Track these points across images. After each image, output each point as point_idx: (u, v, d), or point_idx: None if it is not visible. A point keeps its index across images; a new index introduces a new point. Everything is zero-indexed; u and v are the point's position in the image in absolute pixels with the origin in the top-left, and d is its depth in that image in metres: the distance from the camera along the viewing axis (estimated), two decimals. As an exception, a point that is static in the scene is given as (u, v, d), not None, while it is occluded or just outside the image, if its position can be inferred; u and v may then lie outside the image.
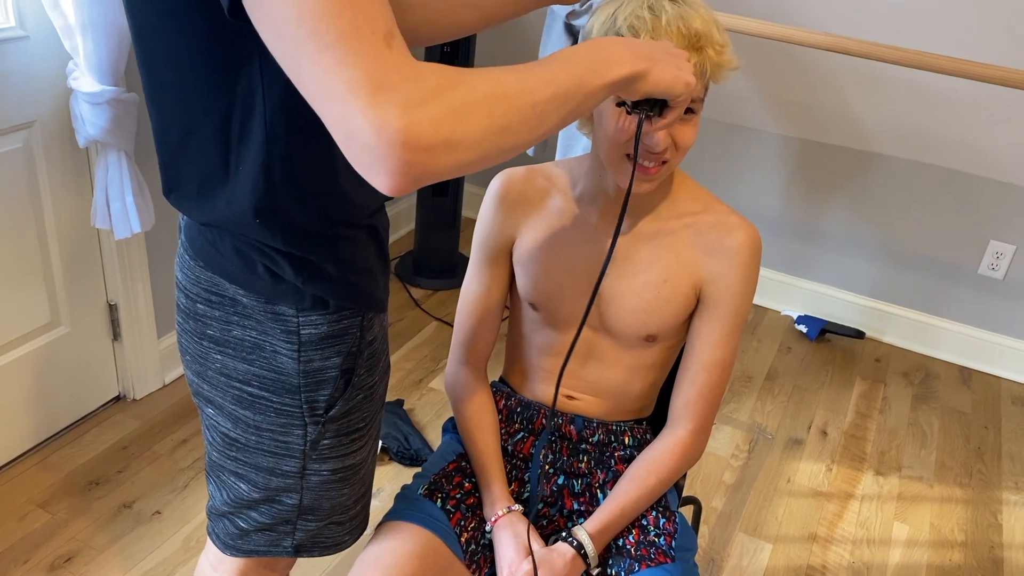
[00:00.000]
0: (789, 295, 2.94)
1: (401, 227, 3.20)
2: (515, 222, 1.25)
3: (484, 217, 1.27)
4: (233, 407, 0.92)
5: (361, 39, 0.58)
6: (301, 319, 0.86)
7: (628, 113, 0.96)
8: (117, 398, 2.18)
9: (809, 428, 2.40)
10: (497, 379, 1.37)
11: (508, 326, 1.34)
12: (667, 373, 1.30)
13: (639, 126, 0.95)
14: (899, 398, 2.58)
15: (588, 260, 1.21)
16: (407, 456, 2.06)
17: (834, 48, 1.76)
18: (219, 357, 0.90)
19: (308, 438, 0.92)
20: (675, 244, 1.19)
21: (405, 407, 2.25)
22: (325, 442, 0.93)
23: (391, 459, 2.08)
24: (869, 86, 2.38)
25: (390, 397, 2.29)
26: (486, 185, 3.22)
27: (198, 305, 0.89)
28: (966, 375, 2.74)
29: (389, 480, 2.02)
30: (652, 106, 0.93)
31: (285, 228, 0.82)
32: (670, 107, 0.93)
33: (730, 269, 1.17)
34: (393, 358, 2.47)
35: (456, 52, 2.55)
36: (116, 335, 2.11)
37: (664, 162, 1.08)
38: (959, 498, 2.20)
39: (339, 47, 0.57)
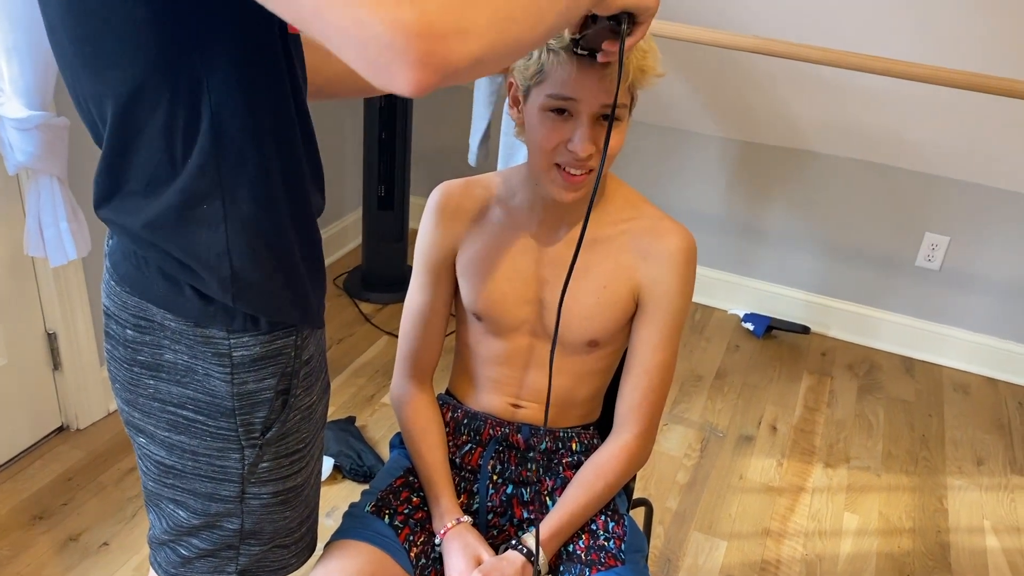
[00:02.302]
0: (735, 294, 2.99)
1: (348, 242, 3.18)
2: (456, 234, 1.25)
3: (425, 230, 1.28)
4: (167, 433, 0.90)
5: None
6: (232, 341, 0.85)
7: (609, 27, 0.95)
8: (60, 429, 2.13)
9: (759, 424, 2.44)
10: (443, 391, 1.37)
11: (454, 338, 1.35)
12: (611, 378, 1.31)
13: (622, 40, 0.93)
14: (845, 390, 2.63)
15: (529, 268, 1.22)
16: (361, 473, 2.04)
17: (760, 50, 1.80)
18: (151, 383, 0.89)
19: (246, 461, 0.90)
20: (612, 250, 1.20)
21: (357, 424, 2.23)
22: (264, 465, 0.91)
23: (345, 477, 2.06)
24: (803, 87, 2.43)
25: (342, 414, 2.28)
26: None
27: (127, 331, 0.88)
28: (909, 365, 2.80)
29: (344, 499, 2.00)
30: (619, 20, 0.91)
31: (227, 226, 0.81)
32: (638, 23, 0.92)
33: (666, 273, 1.18)
34: (344, 374, 2.46)
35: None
36: (56, 364, 2.06)
37: (590, 170, 1.09)
38: (906, 486, 2.25)
39: None
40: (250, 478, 0.91)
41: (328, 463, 2.05)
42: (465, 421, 1.29)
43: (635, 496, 1.47)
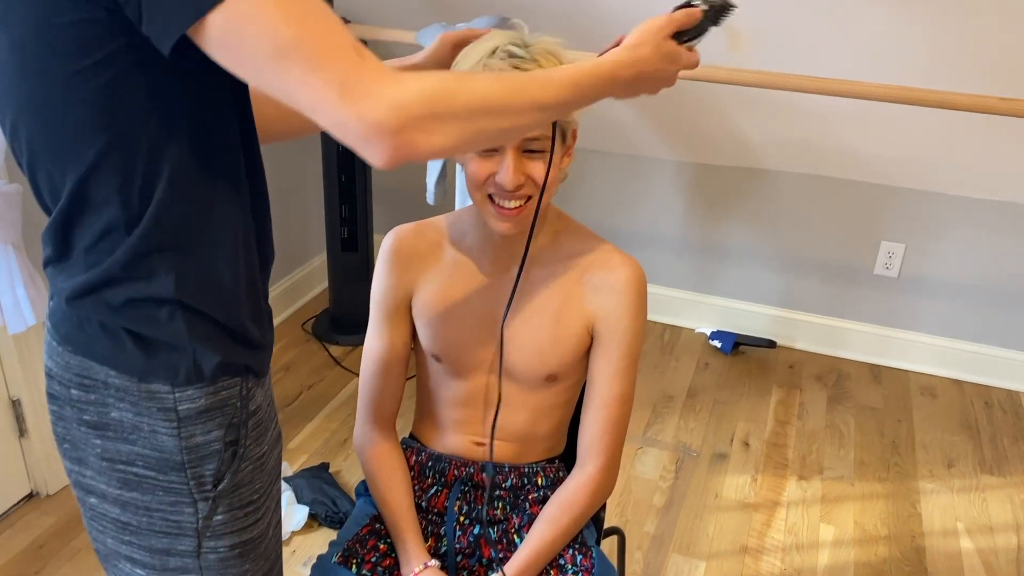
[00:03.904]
0: (700, 313, 3.02)
1: (314, 286, 3.18)
2: (410, 277, 1.27)
3: (379, 275, 1.29)
4: (119, 491, 0.90)
5: (338, 55, 0.70)
6: (177, 394, 0.86)
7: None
8: (29, 496, 2.11)
9: (732, 441, 2.46)
10: (407, 435, 1.38)
11: (416, 380, 1.36)
12: (572, 411, 1.33)
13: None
14: (815, 402, 2.67)
15: (485, 307, 1.24)
16: (337, 520, 2.03)
17: (701, 78, 1.84)
18: (99, 442, 0.89)
19: (200, 515, 0.91)
20: (564, 284, 1.22)
21: (331, 469, 2.22)
22: (218, 518, 0.92)
23: (321, 524, 2.05)
24: (751, 108, 2.48)
25: (315, 460, 2.27)
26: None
27: (72, 391, 0.89)
28: (876, 372, 2.84)
29: (322, 546, 1.99)
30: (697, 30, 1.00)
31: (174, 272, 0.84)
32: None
33: (618, 305, 1.21)
34: (316, 419, 2.45)
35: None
36: (22, 431, 2.04)
37: (528, 198, 1.11)
38: (879, 493, 2.27)
39: (323, 68, 0.69)
40: (205, 531, 0.91)
41: (303, 511, 2.04)
42: (430, 464, 1.30)
43: (610, 524, 1.48)
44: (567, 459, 1.34)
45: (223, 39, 0.70)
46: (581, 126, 1.16)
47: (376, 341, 1.30)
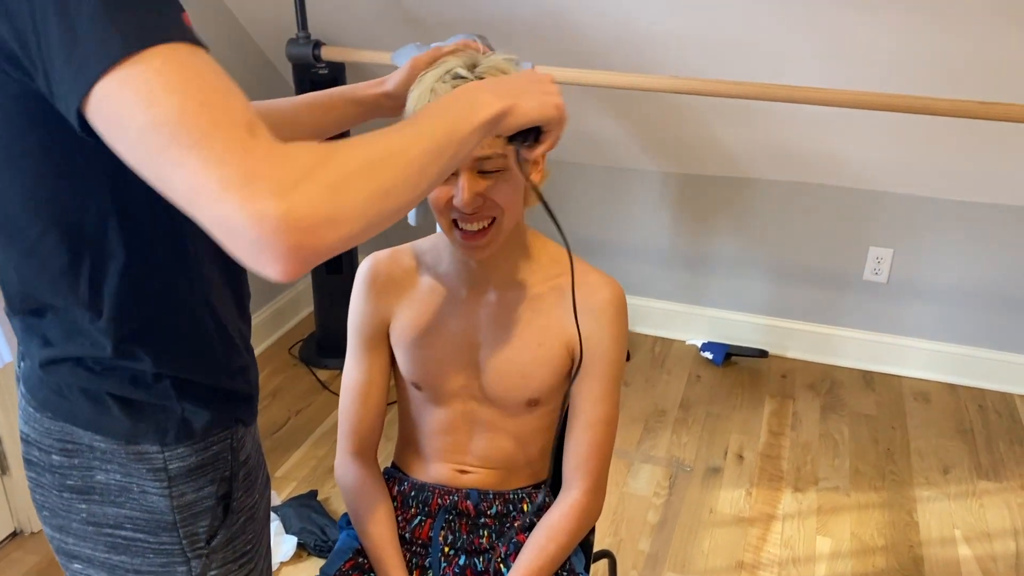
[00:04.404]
0: (691, 324, 3.00)
1: (300, 310, 3.16)
2: (387, 305, 1.25)
3: (356, 303, 1.27)
4: (106, 555, 0.87)
5: (223, 134, 0.59)
6: (167, 454, 0.83)
7: (509, 144, 0.97)
8: (13, 534, 2.07)
9: (725, 454, 2.43)
10: (389, 465, 1.35)
11: (397, 408, 1.33)
12: (555, 435, 1.30)
13: (517, 156, 0.96)
14: (808, 411, 2.64)
15: (464, 333, 1.21)
16: (326, 549, 2.00)
17: (677, 89, 1.83)
18: (84, 506, 0.85)
19: (194, 572, 0.88)
20: (543, 307, 1.20)
21: (319, 497, 2.19)
22: (212, 573, 0.89)
23: (310, 554, 2.02)
24: (731, 118, 2.47)
25: (303, 488, 2.23)
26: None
27: (53, 457, 0.85)
28: (868, 378, 2.82)
29: (310, 576, 1.96)
30: (526, 136, 0.93)
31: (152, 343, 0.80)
32: (545, 132, 0.93)
33: (598, 327, 1.18)
34: (304, 447, 2.42)
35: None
36: (3, 469, 2.01)
37: (492, 220, 1.09)
38: (875, 503, 2.25)
39: (203, 147, 0.58)
40: None
41: (291, 541, 2.00)
42: (412, 493, 1.27)
43: (603, 543, 1.45)
44: (553, 485, 1.31)
45: (101, 110, 0.60)
46: (561, 140, 1.14)
47: (354, 370, 1.28)
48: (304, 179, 0.60)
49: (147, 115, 0.58)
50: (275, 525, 2.03)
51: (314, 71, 2.35)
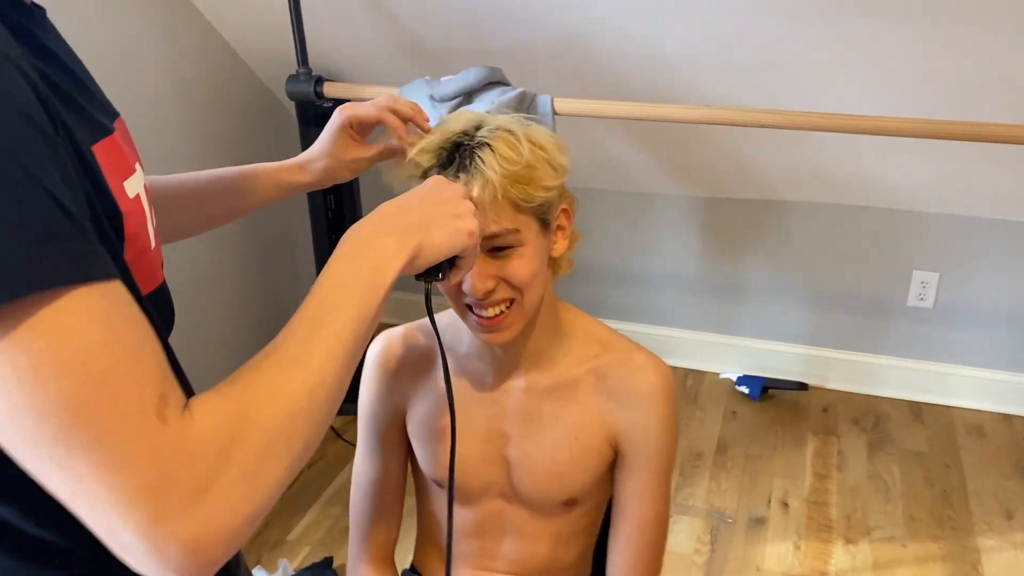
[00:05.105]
0: (724, 356, 2.83)
1: (313, 349, 3.01)
2: (402, 392, 1.10)
3: (366, 390, 1.12)
4: None
5: (126, 427, 0.47)
6: None
7: (417, 280, 0.82)
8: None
9: (769, 502, 2.26)
10: (408, 567, 1.20)
11: (415, 504, 1.18)
12: (597, 533, 1.15)
13: (427, 298, 0.83)
14: (854, 449, 2.47)
15: (491, 425, 1.07)
16: (343, 625, 1.85)
17: (717, 121, 1.67)
18: None
19: None
20: (579, 394, 1.05)
21: (336, 564, 2.04)
22: None
23: (326, 630, 1.87)
24: (762, 141, 2.31)
25: (317, 554, 2.09)
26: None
27: None
28: (916, 410, 2.65)
29: (327, 656, 1.80)
30: (437, 270, 0.79)
31: None
32: (460, 258, 0.80)
33: (645, 416, 1.03)
34: (317, 506, 2.27)
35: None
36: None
37: (511, 302, 0.94)
38: (935, 554, 2.08)
39: (97, 448, 0.46)
40: None
41: (306, 619, 1.86)
42: (436, 605, 1.12)
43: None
44: (595, 587, 1.16)
45: None
46: (583, 167, 0.98)
47: (366, 464, 1.13)
48: (220, 472, 0.51)
49: (25, 399, 0.45)
50: (288, 600, 1.88)
51: (317, 105, 2.21)
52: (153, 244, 0.69)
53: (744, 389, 2.71)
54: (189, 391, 0.61)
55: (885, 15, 1.78)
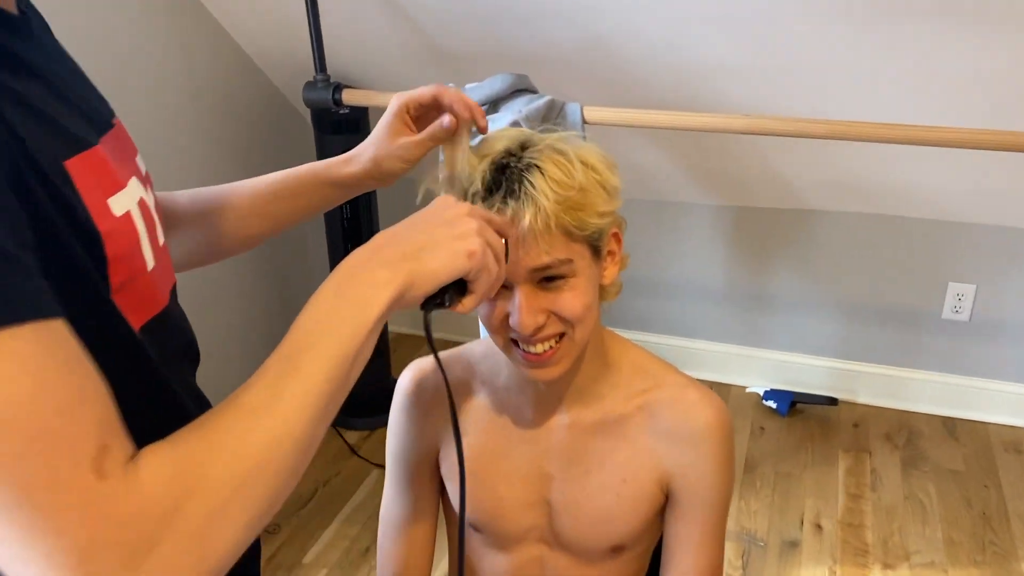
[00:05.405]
0: (751, 368, 2.75)
1: (327, 360, 2.93)
2: (435, 428, 1.03)
3: (396, 425, 1.05)
4: None
5: (56, 484, 0.42)
6: None
7: (422, 310, 0.73)
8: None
9: (801, 524, 2.18)
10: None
11: (447, 547, 1.11)
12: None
13: (427, 329, 0.74)
14: (888, 467, 2.39)
15: (530, 464, 0.99)
16: (362, 655, 1.78)
17: (758, 131, 1.59)
18: None
19: None
20: (628, 432, 0.97)
21: (354, 589, 1.97)
22: None
23: (345, 661, 1.80)
24: (791, 149, 2.22)
25: (335, 579, 2.02)
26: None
27: None
28: (951, 426, 2.56)
29: None
30: (442, 295, 0.71)
31: None
32: (470, 282, 0.72)
33: (699, 458, 0.95)
34: (333, 525, 2.20)
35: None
36: None
37: (561, 335, 0.86)
38: (978, 581, 1.99)
39: (26, 506, 0.41)
40: None
41: (324, 649, 1.78)
42: (472, 658, 1.05)
43: None
44: (641, 636, 1.08)
45: None
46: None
47: (395, 504, 1.06)
48: (163, 533, 0.46)
49: None
50: (305, 628, 1.81)
51: (334, 112, 2.14)
52: (152, 265, 0.63)
53: (771, 404, 2.63)
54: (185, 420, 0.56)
55: (930, 19, 1.69)
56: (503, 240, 0.75)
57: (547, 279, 0.84)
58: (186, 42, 2.13)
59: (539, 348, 0.86)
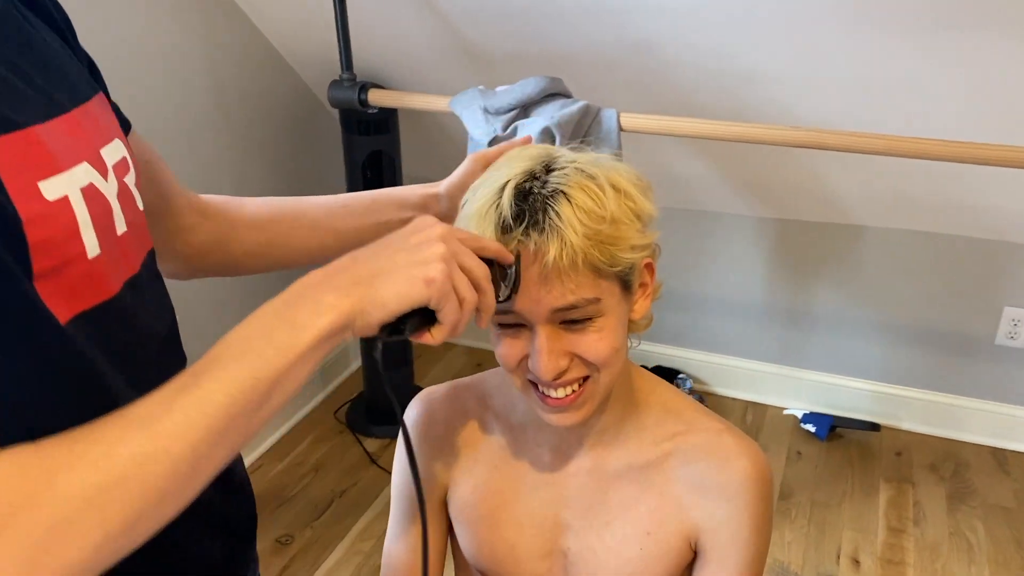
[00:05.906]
0: (789, 389, 2.63)
1: (348, 365, 2.87)
2: (444, 465, 0.94)
3: (401, 460, 0.97)
4: None
5: None
6: None
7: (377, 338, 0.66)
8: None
9: (838, 558, 2.07)
10: (446, 664, 1.04)
11: (452, 590, 1.02)
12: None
13: (382, 363, 0.67)
14: (932, 500, 2.26)
15: (547, 512, 0.90)
16: None
17: (811, 144, 1.48)
18: None
19: None
20: (655, 480, 0.88)
21: (365, 609, 1.90)
22: None
23: None
24: (841, 159, 2.11)
25: (347, 597, 1.95)
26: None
27: None
28: (1001, 458, 2.42)
29: None
30: (401, 323, 0.64)
31: None
32: (438, 314, 0.65)
33: (734, 512, 0.85)
34: (347, 538, 2.13)
35: (380, 172, 2.25)
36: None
37: (585, 378, 0.78)
38: (1028, 629, 1.87)
39: None
40: None
41: (331, 673, 1.71)
42: None
43: None
44: None
45: None
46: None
47: (399, 547, 0.98)
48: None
49: None
50: (312, 650, 1.74)
51: (361, 112, 2.06)
52: (95, 253, 0.58)
53: (810, 427, 2.51)
54: None
55: (993, 32, 1.57)
56: (494, 265, 0.68)
57: (570, 321, 0.75)
58: (217, 39, 2.07)
59: (560, 393, 0.78)
